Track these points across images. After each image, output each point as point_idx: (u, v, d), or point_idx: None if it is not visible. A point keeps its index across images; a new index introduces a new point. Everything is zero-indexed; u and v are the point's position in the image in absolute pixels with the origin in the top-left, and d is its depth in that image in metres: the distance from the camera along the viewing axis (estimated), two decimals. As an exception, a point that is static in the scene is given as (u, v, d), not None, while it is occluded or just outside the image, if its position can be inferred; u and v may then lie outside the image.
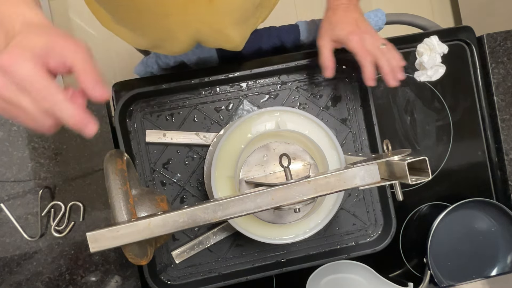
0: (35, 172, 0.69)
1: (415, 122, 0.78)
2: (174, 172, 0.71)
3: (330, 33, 0.63)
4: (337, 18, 0.63)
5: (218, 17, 0.55)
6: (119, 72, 1.60)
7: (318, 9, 1.70)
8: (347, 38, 0.61)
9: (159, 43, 0.61)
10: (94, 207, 0.70)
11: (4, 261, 0.68)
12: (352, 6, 0.63)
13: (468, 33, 0.79)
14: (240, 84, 0.73)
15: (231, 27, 0.58)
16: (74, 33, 1.58)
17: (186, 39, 0.58)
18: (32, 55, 0.32)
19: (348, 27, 0.61)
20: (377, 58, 0.61)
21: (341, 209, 0.73)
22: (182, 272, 0.71)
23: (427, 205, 0.78)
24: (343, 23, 0.62)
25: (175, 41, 0.59)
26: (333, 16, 0.63)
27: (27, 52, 0.32)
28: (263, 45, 0.79)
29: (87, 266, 0.70)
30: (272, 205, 0.46)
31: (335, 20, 0.63)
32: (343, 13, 0.63)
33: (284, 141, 0.59)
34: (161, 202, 0.54)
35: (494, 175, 0.79)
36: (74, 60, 0.34)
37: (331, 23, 0.63)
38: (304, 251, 0.72)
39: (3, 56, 0.31)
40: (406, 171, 0.45)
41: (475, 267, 0.76)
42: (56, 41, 0.34)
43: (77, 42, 0.35)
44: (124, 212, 0.46)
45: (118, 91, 0.72)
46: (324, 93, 0.74)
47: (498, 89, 0.79)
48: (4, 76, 0.31)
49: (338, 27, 0.62)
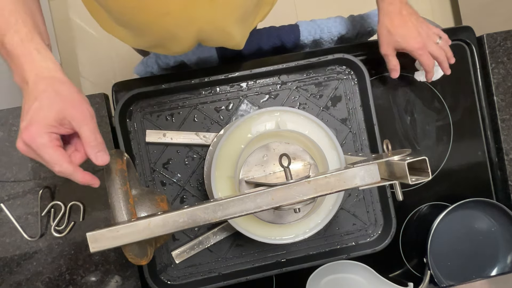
0: (35, 172, 0.69)
1: (415, 122, 0.78)
2: (174, 172, 0.71)
3: (393, 44, 0.67)
4: (396, 26, 0.66)
5: (219, 15, 0.55)
6: (119, 72, 1.60)
7: (318, 9, 1.70)
8: (417, 53, 0.67)
9: (160, 43, 0.61)
10: (94, 207, 0.70)
11: (4, 261, 0.68)
12: (403, 6, 0.65)
13: (468, 33, 0.79)
14: (240, 84, 0.73)
15: (233, 25, 0.58)
16: (74, 33, 1.58)
17: (187, 38, 0.58)
18: (46, 131, 0.40)
19: (412, 41, 0.66)
20: (437, 57, 0.68)
21: (341, 209, 0.73)
22: (182, 272, 0.71)
23: (427, 205, 0.78)
24: (404, 35, 0.66)
25: (176, 41, 0.59)
26: (391, 24, 0.66)
27: (42, 128, 0.40)
28: (263, 45, 0.79)
29: (87, 266, 0.70)
30: (272, 205, 0.46)
31: (394, 28, 0.66)
32: (399, 18, 0.65)
33: (284, 141, 0.59)
34: (161, 202, 0.54)
35: (494, 175, 0.79)
36: (81, 130, 0.42)
37: (390, 32, 0.66)
38: (304, 251, 0.72)
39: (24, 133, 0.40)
40: (406, 171, 0.45)
41: (475, 267, 0.76)
42: (67, 111, 0.41)
43: (84, 110, 0.42)
44: (124, 212, 0.46)
45: (118, 91, 0.72)
46: (324, 93, 0.74)
47: (498, 89, 0.79)
48: (26, 146, 0.41)
49: (401, 39, 0.66)
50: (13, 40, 0.41)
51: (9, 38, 0.41)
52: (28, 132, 0.40)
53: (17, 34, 0.41)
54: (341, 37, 0.82)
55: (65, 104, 0.42)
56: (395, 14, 0.65)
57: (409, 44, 0.66)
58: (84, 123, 0.42)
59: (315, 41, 0.81)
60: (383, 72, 0.77)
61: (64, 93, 0.42)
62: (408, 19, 0.65)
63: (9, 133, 0.70)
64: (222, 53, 0.77)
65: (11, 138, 0.69)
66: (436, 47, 0.67)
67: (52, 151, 0.41)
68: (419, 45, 0.66)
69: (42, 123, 0.40)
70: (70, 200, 0.70)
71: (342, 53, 0.72)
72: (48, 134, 0.40)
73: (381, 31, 0.67)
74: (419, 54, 0.67)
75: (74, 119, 0.42)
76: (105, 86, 1.59)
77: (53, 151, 0.41)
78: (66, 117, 0.41)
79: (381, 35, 0.68)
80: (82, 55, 1.59)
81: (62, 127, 0.42)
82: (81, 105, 0.43)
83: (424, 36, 0.66)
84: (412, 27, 0.66)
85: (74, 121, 0.42)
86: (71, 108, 0.42)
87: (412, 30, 0.65)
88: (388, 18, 0.66)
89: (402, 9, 0.65)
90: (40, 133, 0.40)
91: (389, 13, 0.66)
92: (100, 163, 0.44)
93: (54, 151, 0.41)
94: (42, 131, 0.40)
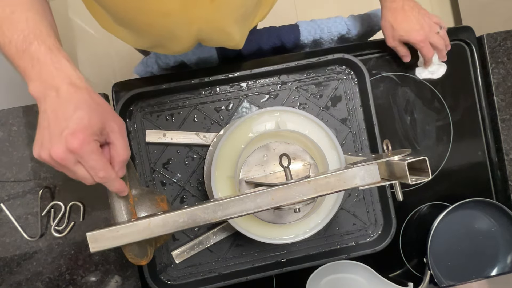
0: (35, 172, 0.69)
1: (415, 122, 0.78)
2: (174, 172, 0.71)
3: (397, 37, 0.71)
4: (399, 21, 0.69)
5: (219, 15, 0.55)
6: (119, 72, 1.60)
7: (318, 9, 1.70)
8: (419, 45, 0.70)
9: (160, 43, 0.61)
10: (94, 207, 0.70)
11: (4, 261, 0.68)
12: (405, 2, 0.68)
13: (468, 33, 0.79)
14: (240, 84, 0.73)
15: (232, 25, 0.59)
16: (74, 33, 1.58)
17: (187, 38, 0.58)
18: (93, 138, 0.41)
19: (414, 34, 0.69)
20: (437, 46, 0.71)
21: (341, 209, 0.73)
22: (182, 272, 0.71)
23: (427, 205, 0.78)
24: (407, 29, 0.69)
25: (176, 40, 0.59)
26: (394, 20, 0.69)
27: (90, 136, 0.41)
28: (263, 45, 0.79)
29: (87, 266, 0.70)
30: (272, 205, 0.46)
31: (396, 24, 0.69)
32: (402, 14, 0.68)
33: (284, 141, 0.59)
34: (161, 202, 0.54)
35: (494, 175, 0.79)
36: (116, 142, 0.44)
37: (394, 27, 0.70)
38: (304, 251, 0.72)
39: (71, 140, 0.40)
40: (406, 171, 0.45)
41: (475, 267, 0.76)
42: (107, 123, 0.43)
43: (122, 124, 0.45)
44: (124, 212, 0.46)
45: (118, 91, 0.72)
46: (324, 93, 0.74)
47: (498, 89, 0.79)
48: (69, 153, 0.41)
49: (404, 33, 0.69)
50: (41, 48, 0.41)
51: (36, 47, 0.41)
52: (76, 139, 0.40)
53: (44, 43, 0.42)
54: (341, 37, 0.82)
55: (107, 115, 0.43)
56: (398, 10, 0.68)
57: (412, 37, 0.69)
58: (121, 136, 0.45)
59: (315, 41, 0.81)
60: (383, 72, 0.77)
61: (103, 105, 0.44)
62: (410, 13, 0.68)
63: (9, 133, 0.70)
64: (222, 53, 0.77)
65: (11, 138, 0.70)
66: (437, 37, 0.70)
67: (99, 157, 0.42)
68: (421, 38, 0.69)
69: (89, 131, 0.41)
70: (70, 200, 0.70)
71: (342, 53, 0.72)
72: (95, 141, 0.42)
73: (385, 26, 0.71)
74: (421, 46, 0.70)
75: (113, 130, 0.44)
76: (105, 86, 1.58)
77: (100, 157, 0.42)
78: (106, 128, 0.43)
79: (385, 29, 0.72)
80: (82, 55, 1.59)
81: (102, 137, 0.43)
82: (119, 119, 0.45)
83: (426, 29, 0.69)
84: (414, 21, 0.68)
85: (112, 133, 0.44)
86: (111, 120, 0.44)
87: (414, 24, 0.68)
88: (391, 14, 0.69)
89: (404, 4, 0.68)
90: (89, 140, 0.41)
91: (391, 10, 0.69)
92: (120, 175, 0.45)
93: (101, 157, 0.42)
94: (90, 138, 0.41)
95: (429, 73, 0.77)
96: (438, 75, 0.76)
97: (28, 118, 0.70)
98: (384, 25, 0.71)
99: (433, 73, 0.77)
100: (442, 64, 0.77)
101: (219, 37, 0.61)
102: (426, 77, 0.77)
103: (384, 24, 0.71)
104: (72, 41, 1.58)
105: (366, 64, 0.77)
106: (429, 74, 0.77)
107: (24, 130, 0.70)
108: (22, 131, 0.70)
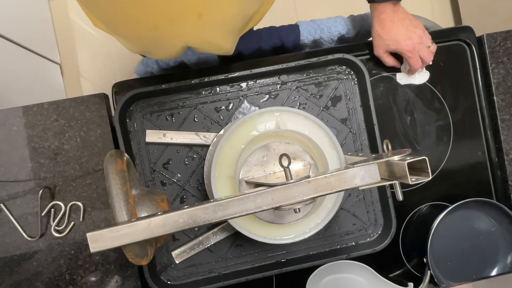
0: (35, 172, 0.69)
1: (415, 122, 0.78)
2: (174, 172, 0.71)
3: (384, 47, 0.72)
4: (387, 32, 0.70)
5: (207, 30, 0.54)
6: (119, 72, 1.60)
7: (318, 9, 1.71)
8: (406, 55, 0.71)
9: (149, 51, 0.61)
10: (94, 207, 0.70)
11: (4, 261, 0.68)
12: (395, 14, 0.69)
13: (468, 33, 0.79)
14: (240, 84, 0.73)
15: (221, 38, 0.58)
16: (74, 33, 1.58)
17: (175, 48, 0.58)
18: None
19: (402, 44, 0.70)
20: (425, 60, 0.73)
21: (341, 209, 0.73)
22: (182, 272, 0.71)
23: (427, 205, 0.78)
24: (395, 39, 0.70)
25: (164, 50, 0.59)
26: (382, 30, 0.70)
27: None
28: (263, 45, 0.79)
29: (87, 266, 0.70)
30: (272, 205, 0.46)
31: (384, 34, 0.70)
32: (390, 25, 0.70)
33: (284, 141, 0.59)
34: (161, 202, 0.54)
35: (494, 175, 0.79)
36: None
37: (381, 37, 0.71)
38: (304, 251, 0.72)
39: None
40: (406, 171, 0.45)
41: (475, 267, 0.76)
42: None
43: None
44: (124, 212, 0.46)
45: (118, 91, 0.72)
46: (324, 93, 0.74)
47: (498, 89, 0.79)
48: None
49: (391, 42, 0.71)
50: None
51: None
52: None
53: None
54: (341, 37, 0.82)
55: None
56: (387, 21, 0.69)
57: (399, 46, 0.70)
58: None
59: (315, 41, 0.81)
60: (383, 72, 0.77)
61: None
62: (399, 24, 0.69)
63: (9, 133, 0.70)
64: (222, 53, 0.77)
65: (11, 138, 0.70)
66: (427, 51, 0.72)
67: None
68: (409, 48, 0.70)
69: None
70: (70, 200, 0.70)
71: (342, 53, 0.72)
72: None
73: (374, 36, 0.73)
74: (408, 56, 0.71)
75: None
76: (105, 86, 1.59)
77: None
78: None
79: (374, 39, 0.73)
80: (82, 55, 1.59)
81: None
82: None
83: (415, 40, 0.70)
84: (403, 31, 0.69)
85: None
86: None
87: (402, 34, 0.69)
88: (379, 25, 0.70)
89: (394, 16, 0.69)
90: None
91: (380, 20, 0.70)
92: None
93: None
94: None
95: (411, 79, 0.77)
96: (421, 81, 0.77)
97: (28, 118, 0.70)
98: (373, 35, 0.73)
99: (415, 79, 0.77)
100: (425, 71, 0.77)
101: (208, 48, 0.60)
102: (407, 82, 0.77)
103: (372, 33, 0.73)
104: (72, 41, 1.58)
105: (366, 64, 0.77)
106: (410, 79, 0.77)
107: (24, 130, 0.70)
108: (22, 131, 0.70)
